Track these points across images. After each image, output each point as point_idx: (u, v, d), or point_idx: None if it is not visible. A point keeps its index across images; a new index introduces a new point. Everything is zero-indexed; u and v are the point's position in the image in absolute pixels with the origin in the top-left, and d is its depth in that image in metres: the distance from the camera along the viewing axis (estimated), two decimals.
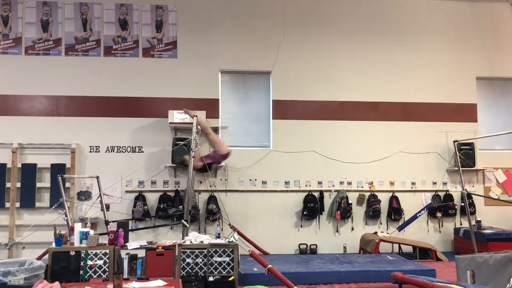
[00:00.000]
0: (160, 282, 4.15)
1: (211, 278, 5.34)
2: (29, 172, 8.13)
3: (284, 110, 8.87)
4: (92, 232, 5.43)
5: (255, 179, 8.64)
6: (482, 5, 9.38)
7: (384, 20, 9.18)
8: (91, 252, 5.21)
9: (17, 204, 8.08)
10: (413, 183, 8.94)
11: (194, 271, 5.32)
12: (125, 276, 5.18)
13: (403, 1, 9.26)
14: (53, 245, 5.28)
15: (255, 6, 8.96)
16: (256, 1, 8.98)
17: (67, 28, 8.60)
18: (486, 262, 4.46)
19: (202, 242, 5.48)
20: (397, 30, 9.19)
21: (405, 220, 8.50)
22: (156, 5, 8.78)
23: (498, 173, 9.12)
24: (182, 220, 6.88)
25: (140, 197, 8.30)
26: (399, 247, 8.25)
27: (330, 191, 8.77)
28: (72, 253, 5.19)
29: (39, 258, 5.85)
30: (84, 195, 8.29)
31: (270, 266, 5.22)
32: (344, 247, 8.55)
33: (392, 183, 8.90)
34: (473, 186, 9.01)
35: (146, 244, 5.48)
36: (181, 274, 5.27)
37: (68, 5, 8.61)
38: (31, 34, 8.51)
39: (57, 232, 5.32)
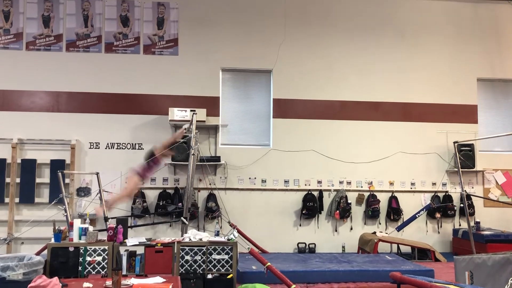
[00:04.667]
0: (158, 279, 4.15)
1: (209, 276, 5.33)
2: (28, 167, 8.13)
3: (285, 108, 8.86)
4: (91, 228, 5.44)
5: (255, 178, 8.65)
6: (484, 6, 9.37)
7: (386, 20, 9.17)
8: (90, 248, 5.21)
9: (17, 200, 8.08)
10: (412, 184, 8.94)
11: (192, 268, 5.32)
12: (124, 272, 5.17)
13: (405, 1, 9.25)
14: (52, 240, 5.28)
15: (256, 4, 8.95)
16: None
17: (68, 24, 8.59)
18: (484, 263, 4.46)
19: (201, 239, 5.48)
20: (398, 30, 9.18)
21: (404, 221, 8.51)
22: (158, 2, 8.77)
23: (497, 174, 9.12)
24: (182, 218, 6.90)
25: (139, 194, 8.29)
26: (398, 247, 8.26)
27: (329, 190, 8.77)
28: (71, 249, 5.19)
29: (38, 253, 5.87)
30: (84, 191, 8.29)
31: (269, 264, 5.22)
32: (343, 247, 8.55)
33: (391, 183, 8.91)
34: (473, 187, 9.01)
35: (145, 241, 5.48)
36: (180, 271, 5.27)
37: (70, 1, 8.60)
38: (32, 29, 8.50)
39: (56, 227, 5.32)
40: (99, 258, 5.20)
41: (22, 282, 4.38)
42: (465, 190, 7.84)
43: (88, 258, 5.18)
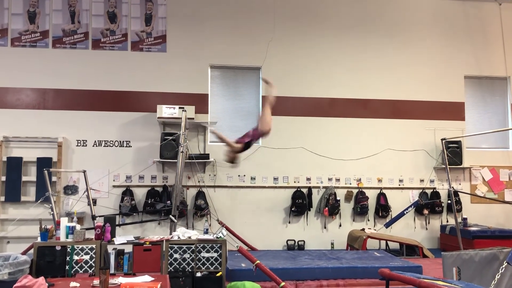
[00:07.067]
0: (147, 278, 4.12)
1: (198, 274, 5.32)
2: (14, 165, 8.01)
3: (274, 106, 8.81)
4: (78, 227, 5.39)
5: (244, 175, 8.63)
6: (471, 4, 9.44)
7: (374, 17, 9.20)
8: (77, 247, 5.16)
9: (2, 198, 7.96)
10: (400, 180, 8.99)
11: (181, 266, 5.30)
12: (112, 271, 5.14)
13: None
14: (39, 239, 5.22)
15: (246, 1, 8.92)
16: None
17: (55, 20, 8.48)
18: (471, 259, 4.50)
19: (190, 237, 5.46)
20: (387, 27, 9.21)
21: (392, 217, 8.56)
22: None
23: (484, 171, 9.21)
24: (170, 216, 6.87)
25: (127, 192, 8.23)
26: (386, 244, 8.31)
27: (318, 187, 8.78)
28: (58, 248, 5.14)
29: (24, 252, 5.79)
30: (71, 190, 8.21)
31: (258, 262, 5.21)
32: (332, 244, 8.58)
33: (380, 180, 8.95)
34: (460, 184, 9.09)
35: (133, 239, 5.45)
36: (169, 270, 5.25)
37: None
38: (17, 25, 8.37)
39: (43, 226, 5.26)
40: (87, 257, 5.15)
41: (7, 282, 4.33)
42: (452, 187, 7.91)
43: (76, 257, 5.13)
